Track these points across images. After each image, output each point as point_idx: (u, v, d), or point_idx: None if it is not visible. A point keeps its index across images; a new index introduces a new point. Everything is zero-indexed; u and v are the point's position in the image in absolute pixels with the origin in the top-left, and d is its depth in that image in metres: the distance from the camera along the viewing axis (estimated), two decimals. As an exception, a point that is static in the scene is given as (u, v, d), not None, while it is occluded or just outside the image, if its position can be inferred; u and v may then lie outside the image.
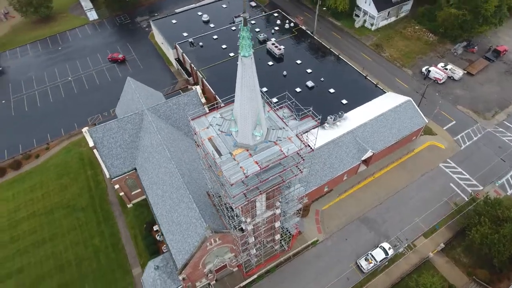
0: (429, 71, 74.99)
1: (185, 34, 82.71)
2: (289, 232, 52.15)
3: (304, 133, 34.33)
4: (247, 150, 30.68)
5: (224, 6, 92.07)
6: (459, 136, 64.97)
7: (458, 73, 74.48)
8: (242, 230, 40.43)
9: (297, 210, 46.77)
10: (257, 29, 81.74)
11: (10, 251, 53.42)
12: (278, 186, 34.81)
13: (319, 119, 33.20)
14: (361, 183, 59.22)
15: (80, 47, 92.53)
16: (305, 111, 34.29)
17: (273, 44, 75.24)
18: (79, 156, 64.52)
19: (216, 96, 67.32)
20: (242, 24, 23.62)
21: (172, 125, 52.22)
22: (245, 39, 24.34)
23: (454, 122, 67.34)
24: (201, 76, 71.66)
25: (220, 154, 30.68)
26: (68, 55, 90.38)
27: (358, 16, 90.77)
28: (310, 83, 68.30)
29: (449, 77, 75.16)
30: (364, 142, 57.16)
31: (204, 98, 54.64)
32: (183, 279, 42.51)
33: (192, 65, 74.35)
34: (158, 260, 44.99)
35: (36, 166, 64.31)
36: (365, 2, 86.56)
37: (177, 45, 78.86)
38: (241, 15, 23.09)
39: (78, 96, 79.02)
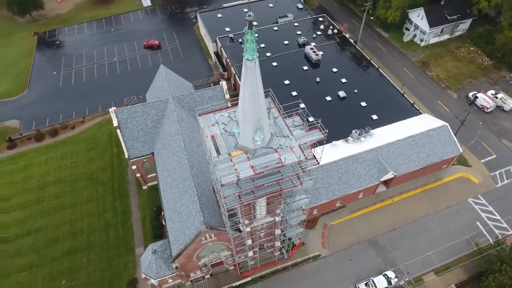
0: (476, 97, 69.24)
1: (227, 29, 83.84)
2: (291, 241, 51.32)
3: (315, 146, 33.33)
4: (246, 153, 30.45)
5: (271, 5, 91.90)
6: (497, 172, 59.41)
7: (510, 103, 67.95)
8: (239, 230, 40.47)
9: (301, 221, 45.90)
10: (299, 32, 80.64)
11: (34, 211, 58.08)
12: (278, 194, 34.33)
13: (326, 132, 31.98)
14: (377, 204, 56.46)
15: (130, 31, 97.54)
16: (314, 122, 33.25)
17: (311, 48, 73.78)
18: (109, 133, 68.17)
19: (245, 94, 67.42)
20: (247, 27, 23.35)
21: (193, 117, 53.28)
22: (250, 42, 24.07)
23: (494, 156, 61.68)
24: (234, 72, 72.30)
25: (218, 153, 30.77)
26: (118, 37, 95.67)
27: (408, 30, 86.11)
28: (342, 93, 66.12)
29: (498, 107, 68.86)
30: (387, 163, 54.32)
31: (228, 95, 55.08)
32: (176, 267, 43.48)
33: (228, 60, 75.25)
34: (158, 245, 46.34)
35: (71, 136, 69.13)
36: (418, 16, 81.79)
37: (217, 39, 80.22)
38: (246, 18, 22.82)
39: (120, 76, 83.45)
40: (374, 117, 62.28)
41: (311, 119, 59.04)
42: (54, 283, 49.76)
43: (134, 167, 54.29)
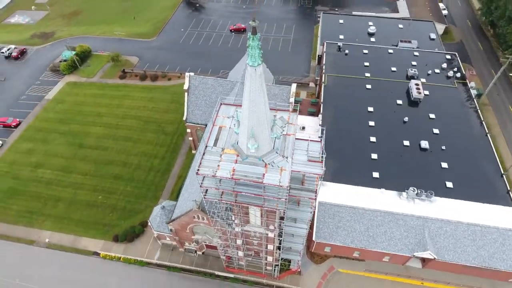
0: None
1: (341, 37, 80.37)
2: (288, 264, 48.96)
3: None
4: (238, 156, 30.04)
5: (400, 26, 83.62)
6: None
7: None
8: (229, 225, 40.64)
9: (299, 250, 43.31)
10: (414, 63, 71.65)
11: (110, 133, 69.25)
12: (271, 210, 33.12)
13: (324, 170, 28.84)
14: (401, 278, 48.52)
15: (257, 12, 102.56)
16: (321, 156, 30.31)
17: (416, 84, 65.00)
18: (191, 94, 74.95)
19: (322, 105, 64.69)
20: (251, 33, 22.43)
21: None
22: (253, 48, 23.11)
23: None
24: (323, 80, 69.62)
25: (215, 144, 31.18)
26: (246, 14, 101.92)
27: (560, 104, 67.38)
28: (425, 144, 57.03)
29: None
30: (432, 240, 45.72)
31: (293, 98, 53.80)
32: (171, 230, 46.65)
33: (323, 67, 72.67)
34: (171, 204, 50.20)
35: (164, 85, 78.69)
36: None
37: (325, 42, 77.81)
38: (250, 23, 21.88)
39: (229, 49, 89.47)
40: (449, 184, 52.18)
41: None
42: (93, 195, 59.37)
43: (188, 130, 59.03)
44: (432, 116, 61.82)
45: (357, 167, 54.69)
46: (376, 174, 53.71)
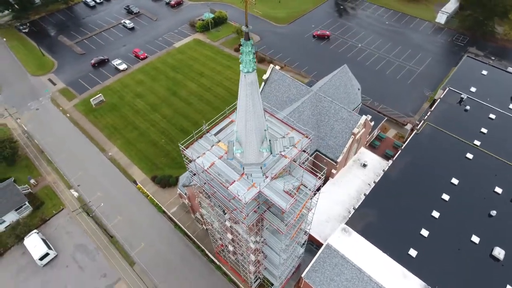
0: None
1: (472, 89, 67.01)
2: (271, 285, 46.99)
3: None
4: (226, 152, 29.86)
5: None
6: None
7: None
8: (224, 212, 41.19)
9: (276, 275, 41.12)
10: (550, 154, 54.94)
11: (200, 92, 76.39)
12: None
13: (288, 207, 26.07)
14: None
15: (399, 32, 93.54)
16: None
17: (534, 180, 50.18)
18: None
19: (400, 152, 56.67)
20: (244, 39, 21.23)
21: (309, 117, 51.43)
22: (245, 54, 21.98)
23: None
24: (418, 127, 60.25)
25: (217, 134, 31.55)
26: (384, 31, 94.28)
27: None
28: (498, 253, 44.46)
29: None
30: None
31: (358, 129, 48.64)
32: (185, 193, 49.99)
33: (429, 113, 62.54)
34: (200, 172, 53.40)
35: (264, 69, 79.88)
36: None
37: (448, 88, 66.33)
38: (242, 28, 20.67)
39: (346, 59, 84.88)
40: (500, 313, 40.21)
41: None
42: (159, 136, 67.73)
43: (253, 117, 60.32)
44: (531, 226, 47.34)
45: (397, 234, 47.08)
46: (413, 253, 45.28)
